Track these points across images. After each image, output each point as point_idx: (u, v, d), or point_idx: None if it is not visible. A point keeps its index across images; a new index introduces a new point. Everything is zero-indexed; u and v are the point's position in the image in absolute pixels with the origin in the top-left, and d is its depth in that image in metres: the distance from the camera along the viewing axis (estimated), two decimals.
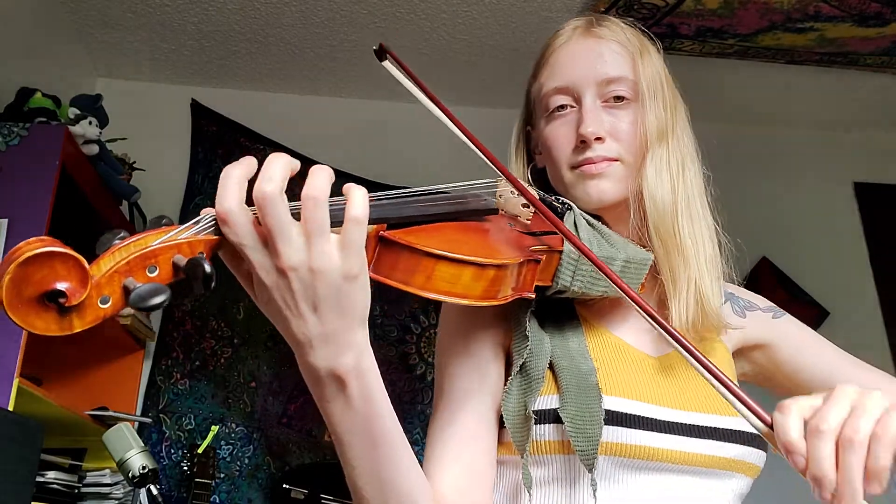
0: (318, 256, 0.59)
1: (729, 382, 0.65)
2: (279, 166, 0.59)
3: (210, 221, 0.59)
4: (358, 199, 0.61)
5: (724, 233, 0.96)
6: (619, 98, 0.93)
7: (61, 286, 0.51)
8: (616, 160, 0.92)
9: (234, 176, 0.58)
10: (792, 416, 0.60)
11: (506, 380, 0.87)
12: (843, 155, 3.48)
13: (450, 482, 0.81)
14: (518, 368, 0.84)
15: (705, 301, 0.90)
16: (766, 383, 1.04)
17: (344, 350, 0.62)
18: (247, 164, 0.60)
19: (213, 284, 0.55)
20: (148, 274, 0.55)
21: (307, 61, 3.07)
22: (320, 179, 0.59)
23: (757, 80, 3.19)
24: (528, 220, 0.86)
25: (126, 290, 0.54)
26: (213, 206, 0.60)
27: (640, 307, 0.69)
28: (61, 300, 0.51)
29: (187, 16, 2.80)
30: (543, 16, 2.69)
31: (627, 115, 0.93)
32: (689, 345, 0.67)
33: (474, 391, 0.86)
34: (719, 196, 0.98)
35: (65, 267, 0.51)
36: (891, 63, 3.06)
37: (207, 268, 0.54)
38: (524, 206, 0.85)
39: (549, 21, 2.68)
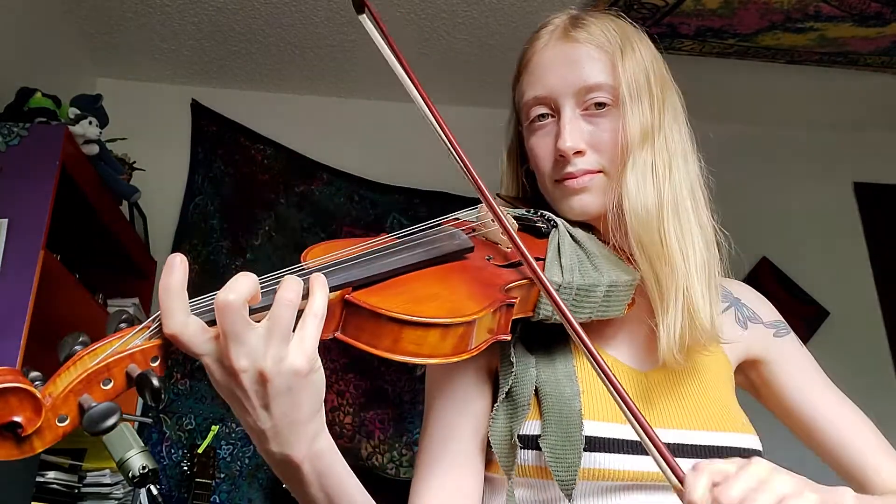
0: (271, 360, 0.60)
1: (656, 439, 0.66)
2: (246, 284, 0.60)
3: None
4: (319, 294, 0.62)
5: (722, 229, 0.91)
6: (599, 105, 0.89)
7: (16, 419, 0.53)
8: (598, 172, 0.89)
9: (171, 290, 0.58)
10: (701, 479, 0.63)
11: (493, 400, 0.86)
12: (843, 155, 3.48)
13: None
14: (504, 395, 0.83)
15: (696, 312, 0.84)
16: (754, 395, 1.02)
17: (296, 440, 0.64)
18: (179, 270, 0.59)
19: (162, 396, 0.57)
20: (103, 387, 0.57)
21: (307, 61, 3.07)
22: (295, 284, 0.61)
23: (757, 80, 3.18)
24: (508, 247, 0.83)
25: (81, 408, 0.55)
26: (213, 206, 0.60)
27: (597, 362, 0.69)
28: (18, 430, 0.53)
29: (187, 16, 2.80)
30: (543, 16, 2.68)
31: (609, 122, 0.89)
32: (631, 405, 0.67)
33: (458, 434, 0.85)
34: (718, 194, 0.95)
35: (17, 399, 0.53)
36: (891, 63, 3.06)
37: (156, 383, 0.56)
38: (504, 233, 0.82)
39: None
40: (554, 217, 0.90)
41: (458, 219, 0.88)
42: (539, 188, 0.96)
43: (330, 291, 0.65)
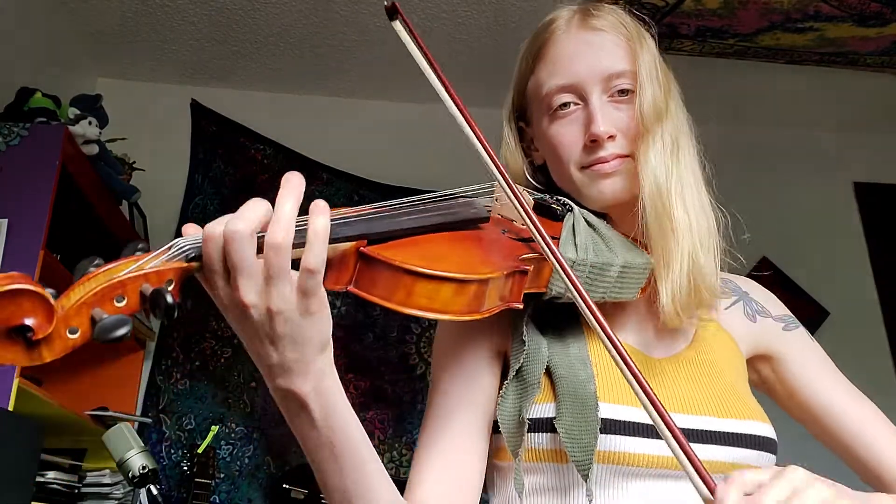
0: (275, 298, 0.61)
1: (682, 438, 0.64)
2: (256, 211, 0.62)
3: (180, 250, 0.61)
4: (315, 249, 0.61)
5: (720, 206, 0.94)
6: (622, 92, 0.91)
7: (28, 321, 0.53)
8: (628, 156, 0.90)
9: (244, 215, 0.61)
10: (733, 489, 0.61)
11: (501, 384, 0.87)
12: (843, 155, 3.48)
13: (436, 497, 0.82)
14: (514, 373, 0.84)
15: (699, 275, 0.87)
16: (768, 394, 1.02)
17: (303, 376, 0.65)
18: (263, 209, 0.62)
19: (175, 314, 0.57)
20: (116, 304, 0.57)
21: (307, 61, 3.07)
22: (285, 221, 0.61)
23: (757, 80, 3.18)
24: (522, 224, 0.84)
25: (92, 320, 0.56)
26: (213, 206, 0.60)
27: (606, 334, 0.68)
28: (28, 334, 0.53)
29: (187, 16, 2.80)
30: (544, 16, 2.68)
31: (632, 108, 0.91)
32: (640, 378, 0.67)
33: (463, 406, 0.86)
34: (719, 195, 0.96)
35: (30, 303, 0.53)
36: (891, 63, 3.06)
37: (169, 299, 0.56)
38: (519, 209, 0.83)
39: (548, 21, 2.67)
40: (569, 201, 0.91)
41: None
42: (554, 179, 0.96)
43: (345, 241, 0.66)
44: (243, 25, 2.85)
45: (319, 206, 0.63)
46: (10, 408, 1.74)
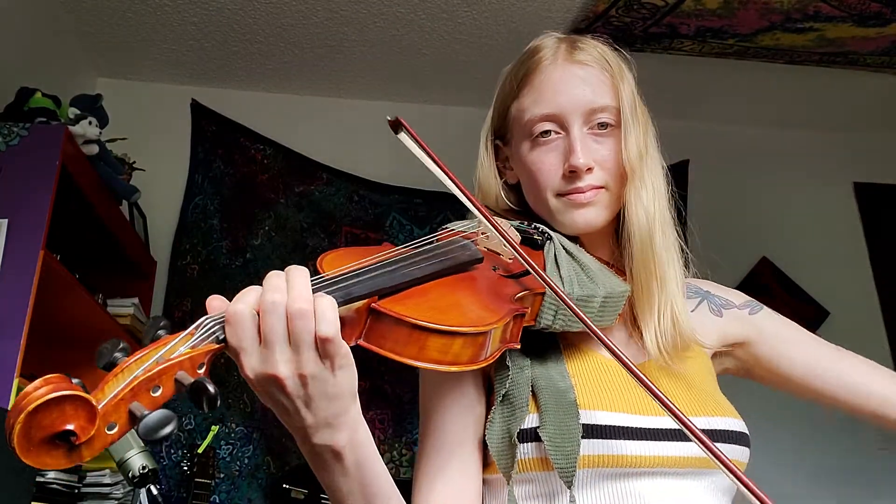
0: (305, 364, 0.64)
1: (724, 459, 0.65)
2: (279, 284, 0.64)
3: (208, 329, 0.62)
4: (327, 316, 0.64)
5: (685, 247, 0.99)
6: (603, 125, 0.94)
7: (70, 427, 0.52)
8: (603, 188, 0.94)
9: (252, 292, 0.64)
10: None
11: (488, 407, 0.89)
12: (843, 155, 3.48)
13: None
14: (500, 398, 0.85)
15: (679, 321, 0.92)
16: (747, 375, 1.06)
17: (338, 430, 0.68)
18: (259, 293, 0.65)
19: (217, 403, 0.57)
20: (152, 394, 0.56)
21: (307, 61, 3.07)
22: (302, 286, 0.64)
23: (757, 80, 3.19)
24: (510, 259, 0.87)
25: (132, 415, 0.55)
26: (213, 206, 0.61)
27: (628, 367, 0.70)
28: (72, 439, 0.52)
29: (187, 16, 2.80)
30: (543, 16, 2.69)
31: (611, 142, 0.94)
32: (675, 410, 0.69)
33: (460, 436, 0.87)
34: (719, 195, 0.98)
35: (72, 407, 0.52)
36: (891, 63, 3.06)
37: (211, 389, 0.56)
38: (511, 252, 0.86)
39: (548, 21, 2.68)
40: (547, 230, 0.95)
41: (453, 230, 0.91)
42: (528, 201, 0.99)
43: (356, 300, 0.68)
44: (243, 25, 2.85)
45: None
46: (10, 408, 1.74)
